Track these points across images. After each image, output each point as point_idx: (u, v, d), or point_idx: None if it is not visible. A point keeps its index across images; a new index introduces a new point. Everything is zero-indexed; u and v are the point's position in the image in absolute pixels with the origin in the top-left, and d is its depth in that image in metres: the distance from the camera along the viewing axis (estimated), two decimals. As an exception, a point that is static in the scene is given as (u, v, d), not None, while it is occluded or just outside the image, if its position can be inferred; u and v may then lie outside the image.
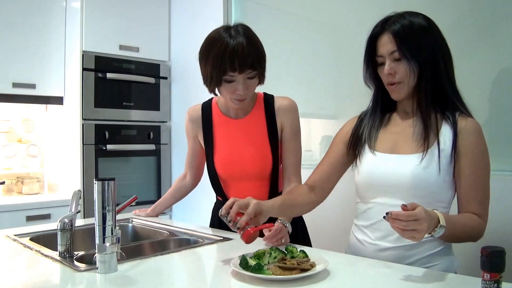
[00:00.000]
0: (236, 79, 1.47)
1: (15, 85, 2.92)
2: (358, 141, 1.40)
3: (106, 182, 1.13)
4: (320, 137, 2.50)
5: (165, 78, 3.42)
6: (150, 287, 1.06)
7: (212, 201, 1.79)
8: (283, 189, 1.63)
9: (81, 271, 1.16)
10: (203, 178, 1.84)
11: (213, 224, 1.75)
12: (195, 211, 3.07)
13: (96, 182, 1.13)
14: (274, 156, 1.61)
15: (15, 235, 1.55)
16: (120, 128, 3.17)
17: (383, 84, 1.34)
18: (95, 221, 1.13)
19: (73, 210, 1.39)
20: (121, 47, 3.17)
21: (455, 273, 1.27)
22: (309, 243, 1.69)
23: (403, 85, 1.28)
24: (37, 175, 3.25)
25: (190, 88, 3.27)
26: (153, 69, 3.36)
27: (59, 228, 1.33)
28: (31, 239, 1.51)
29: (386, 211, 1.25)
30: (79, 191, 1.46)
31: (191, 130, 1.73)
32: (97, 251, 1.12)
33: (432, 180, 1.23)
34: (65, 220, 1.34)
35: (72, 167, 3.04)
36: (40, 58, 3.03)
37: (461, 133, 1.25)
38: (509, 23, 1.74)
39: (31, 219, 2.72)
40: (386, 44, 1.27)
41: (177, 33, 3.43)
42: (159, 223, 1.79)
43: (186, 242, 1.56)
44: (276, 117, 1.63)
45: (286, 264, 1.11)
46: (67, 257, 1.30)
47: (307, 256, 1.18)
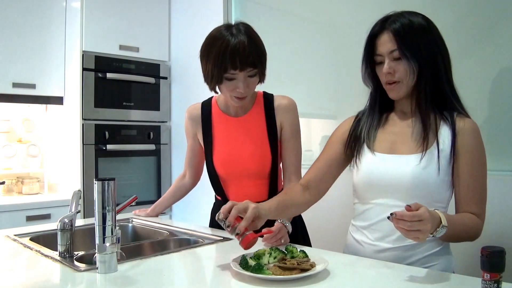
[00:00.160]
0: (236, 77, 1.47)
1: (15, 85, 2.92)
2: (356, 141, 1.39)
3: (106, 182, 1.13)
4: (320, 137, 2.50)
5: (165, 78, 3.42)
6: (150, 287, 1.07)
7: (212, 201, 1.79)
8: (284, 188, 1.63)
9: (81, 271, 1.16)
10: (203, 177, 1.84)
11: (213, 224, 1.75)
12: (195, 211, 3.07)
13: (96, 182, 1.13)
14: (273, 154, 1.61)
15: (15, 235, 1.55)
16: (120, 128, 3.17)
17: (381, 83, 1.33)
18: (95, 221, 1.13)
19: (73, 210, 1.39)
20: (121, 47, 3.18)
21: (453, 272, 1.27)
22: (309, 243, 1.69)
23: (401, 84, 1.27)
24: (37, 175, 3.25)
25: (190, 88, 3.27)
26: (153, 69, 3.36)
27: (59, 228, 1.33)
28: (31, 239, 1.51)
29: (385, 212, 1.26)
30: (79, 191, 1.46)
31: (191, 128, 1.73)
32: (97, 251, 1.13)
33: (431, 180, 1.23)
34: (65, 220, 1.34)
35: (72, 167, 3.04)
36: (40, 58, 3.03)
37: (459, 133, 1.25)
38: (508, 24, 1.74)
39: (31, 219, 2.72)
40: (385, 43, 1.26)
41: (177, 33, 3.43)
42: (159, 223, 1.79)
43: (186, 242, 1.56)
44: (275, 115, 1.63)
45: (286, 264, 1.11)
46: (67, 257, 1.30)
47: (307, 256, 1.18)
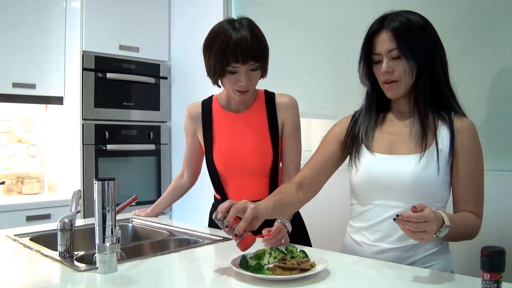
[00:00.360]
0: (239, 70, 1.48)
1: (15, 85, 2.92)
2: (354, 141, 1.38)
3: (106, 182, 1.13)
4: (320, 137, 2.47)
5: (165, 78, 3.42)
6: (150, 287, 1.07)
7: (212, 201, 1.79)
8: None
9: (81, 271, 1.16)
10: (203, 177, 1.84)
11: (212, 224, 1.74)
12: (195, 211, 3.07)
13: (96, 182, 1.13)
14: (274, 150, 1.61)
15: (15, 235, 1.55)
16: (120, 128, 3.17)
17: (378, 83, 1.32)
18: (95, 221, 1.13)
19: (73, 210, 1.39)
20: (121, 47, 3.17)
21: (452, 271, 1.28)
22: (309, 243, 1.69)
23: (400, 84, 1.26)
24: (37, 175, 3.25)
25: (190, 88, 3.27)
26: (153, 69, 3.36)
27: (59, 228, 1.33)
28: (31, 239, 1.51)
29: (385, 212, 1.27)
30: (79, 191, 1.46)
31: (190, 127, 1.73)
32: (97, 251, 1.13)
33: (431, 180, 1.23)
34: (65, 220, 1.34)
35: (72, 167, 3.04)
36: (40, 58, 3.03)
37: (458, 133, 1.25)
38: (506, 24, 1.74)
39: (31, 219, 2.72)
40: (384, 42, 1.25)
41: (177, 33, 3.43)
42: (159, 223, 1.79)
43: (186, 242, 1.56)
44: (277, 112, 1.63)
45: (286, 264, 1.11)
46: (67, 257, 1.30)
47: (307, 256, 1.18)
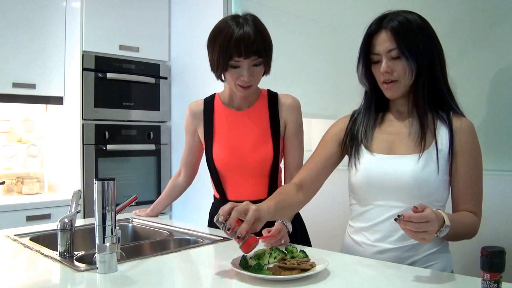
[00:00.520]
0: (241, 64, 1.48)
1: (15, 85, 2.92)
2: (353, 141, 1.38)
3: (106, 182, 1.13)
4: (320, 137, 2.49)
5: (165, 78, 3.42)
6: (150, 287, 1.07)
7: (212, 200, 1.79)
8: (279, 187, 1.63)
9: (81, 271, 1.16)
10: (203, 177, 1.84)
11: (212, 224, 1.74)
12: (195, 211, 3.07)
13: (96, 182, 1.13)
14: (275, 150, 1.60)
15: (15, 235, 1.55)
16: (120, 128, 3.17)
17: (377, 83, 1.32)
18: (95, 221, 1.13)
19: (73, 210, 1.39)
20: (121, 47, 3.17)
21: (452, 270, 1.28)
22: (309, 243, 1.69)
23: (399, 84, 1.26)
24: (37, 175, 3.25)
25: (190, 88, 3.27)
26: (153, 69, 3.36)
27: (59, 228, 1.33)
28: (31, 239, 1.51)
29: (386, 213, 1.27)
30: (79, 191, 1.46)
31: (191, 124, 1.73)
32: (97, 251, 1.12)
33: (431, 180, 1.23)
34: (65, 220, 1.34)
35: (72, 167, 3.04)
36: (40, 58, 3.03)
37: (456, 132, 1.25)
38: (505, 25, 1.74)
39: (31, 219, 2.72)
40: (383, 42, 1.25)
41: (177, 33, 3.43)
42: (159, 223, 1.79)
43: (186, 242, 1.56)
44: (279, 113, 1.63)
45: (286, 264, 1.11)
46: (67, 257, 1.30)
47: (307, 256, 1.18)
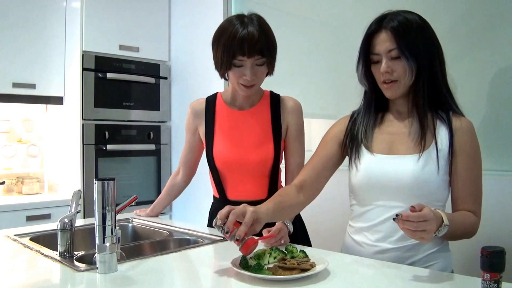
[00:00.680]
0: (244, 63, 1.49)
1: (15, 85, 2.92)
2: (353, 141, 1.38)
3: (106, 182, 1.13)
4: (320, 137, 2.49)
5: (165, 78, 3.42)
6: (150, 287, 1.07)
7: (212, 200, 1.79)
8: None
9: (81, 271, 1.16)
10: (203, 177, 1.84)
11: (211, 224, 1.74)
12: (195, 211, 3.07)
13: (96, 182, 1.13)
14: (276, 151, 1.60)
15: (15, 235, 1.55)
16: (120, 128, 3.17)
17: (376, 83, 1.32)
18: (95, 221, 1.13)
19: (73, 210, 1.39)
20: (121, 47, 3.17)
21: (452, 270, 1.28)
22: (309, 243, 1.69)
23: (399, 84, 1.26)
24: (37, 175, 3.25)
25: (190, 88, 3.27)
26: (153, 69, 3.35)
27: (59, 228, 1.33)
28: (31, 239, 1.51)
29: (386, 213, 1.27)
30: (79, 191, 1.46)
31: (192, 122, 1.73)
32: (97, 251, 1.12)
33: (431, 180, 1.23)
34: (65, 220, 1.34)
35: (72, 167, 3.04)
36: (40, 58, 3.03)
37: (456, 132, 1.25)
38: (504, 25, 1.75)
39: (31, 219, 2.72)
40: (383, 42, 1.25)
41: (177, 33, 3.42)
42: (159, 223, 1.79)
43: (186, 242, 1.56)
44: (281, 114, 1.63)
45: (286, 264, 1.11)
46: (67, 257, 1.30)
47: (307, 256, 1.18)
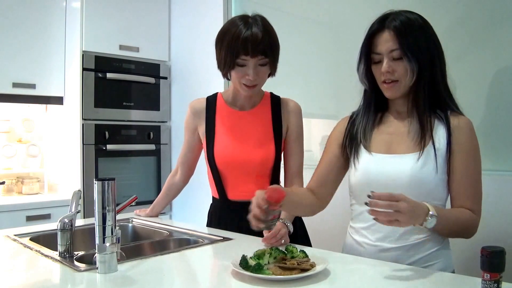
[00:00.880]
0: (247, 63, 1.50)
1: (15, 85, 2.92)
2: (352, 141, 1.38)
3: (106, 182, 1.13)
4: (320, 137, 2.50)
5: (165, 78, 3.42)
6: (150, 287, 1.07)
7: (211, 201, 1.79)
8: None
9: (81, 271, 1.16)
10: (203, 177, 1.84)
11: (211, 224, 1.74)
12: (194, 211, 3.07)
13: (96, 182, 1.13)
14: (277, 151, 1.61)
15: (15, 235, 1.55)
16: (120, 128, 3.17)
17: (376, 82, 1.32)
18: (95, 221, 1.13)
19: (73, 210, 1.39)
20: (121, 47, 3.17)
21: (453, 269, 1.28)
22: (309, 243, 1.69)
23: (400, 84, 1.26)
24: (37, 175, 3.25)
25: (190, 88, 3.27)
26: (153, 69, 3.35)
27: (59, 228, 1.33)
28: (31, 239, 1.51)
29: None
30: (79, 191, 1.47)
31: (192, 122, 1.72)
32: (97, 251, 1.13)
33: (430, 179, 1.23)
34: (65, 220, 1.34)
35: (72, 167, 3.04)
36: (40, 58, 3.03)
37: (454, 131, 1.25)
38: (504, 25, 1.75)
39: (31, 219, 2.72)
40: (385, 42, 1.25)
41: (177, 33, 3.42)
42: (159, 223, 1.79)
43: (186, 242, 1.55)
44: (282, 115, 1.64)
45: (286, 264, 1.11)
46: (67, 257, 1.30)
47: (307, 256, 1.18)
